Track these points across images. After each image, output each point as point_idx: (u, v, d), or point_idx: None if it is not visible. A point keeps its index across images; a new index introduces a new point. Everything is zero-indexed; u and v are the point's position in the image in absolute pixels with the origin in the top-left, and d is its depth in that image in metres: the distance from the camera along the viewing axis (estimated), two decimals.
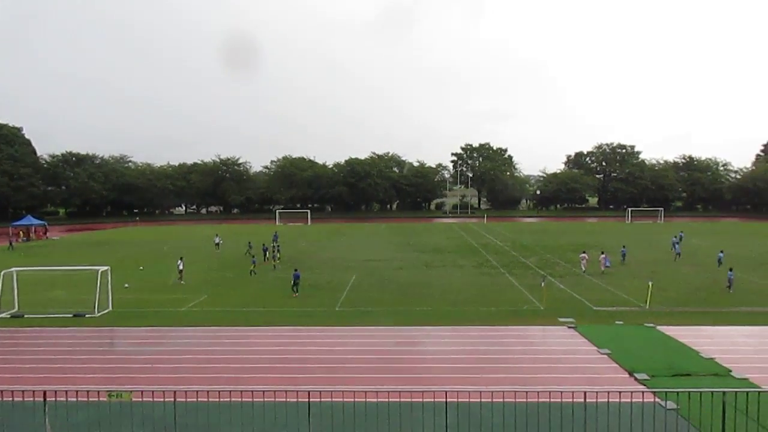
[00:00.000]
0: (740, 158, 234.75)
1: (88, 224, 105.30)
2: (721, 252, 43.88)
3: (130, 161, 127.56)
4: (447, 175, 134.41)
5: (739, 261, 46.51)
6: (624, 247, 46.69)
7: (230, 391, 8.99)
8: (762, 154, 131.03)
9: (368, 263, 46.36)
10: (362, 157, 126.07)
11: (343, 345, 23.00)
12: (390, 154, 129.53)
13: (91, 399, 14.47)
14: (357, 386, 9.06)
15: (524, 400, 9.58)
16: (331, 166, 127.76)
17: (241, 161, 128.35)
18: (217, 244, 57.79)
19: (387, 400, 9.69)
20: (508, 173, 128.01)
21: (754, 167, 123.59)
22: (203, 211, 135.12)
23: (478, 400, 9.30)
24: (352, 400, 8.99)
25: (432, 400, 9.69)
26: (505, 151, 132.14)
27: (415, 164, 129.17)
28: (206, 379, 18.46)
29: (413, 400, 10.10)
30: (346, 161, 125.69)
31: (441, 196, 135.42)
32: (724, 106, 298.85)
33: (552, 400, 9.02)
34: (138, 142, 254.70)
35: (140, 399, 11.90)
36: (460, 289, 35.06)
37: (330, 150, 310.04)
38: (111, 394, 11.43)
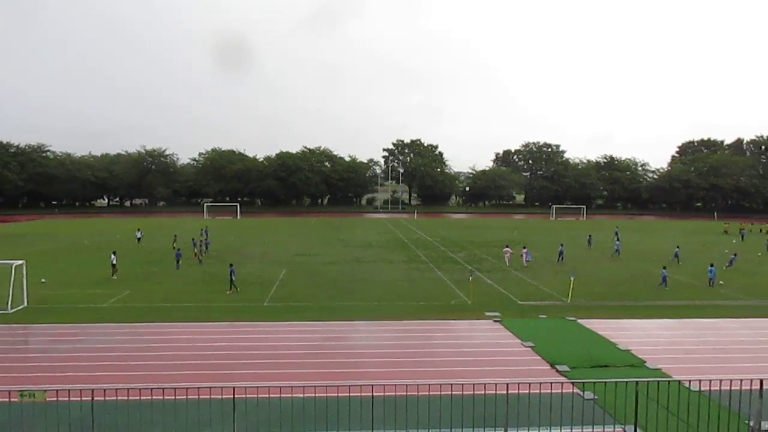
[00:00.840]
0: (658, 159, 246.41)
1: (2, 216, 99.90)
2: (677, 247, 45.68)
3: (48, 150, 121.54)
4: (378, 171, 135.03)
5: (654, 257, 48.84)
6: (562, 245, 47.79)
7: (151, 389, 8.69)
8: (677, 155, 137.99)
9: (298, 258, 46.02)
10: (293, 151, 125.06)
11: (271, 341, 22.72)
12: (321, 149, 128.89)
13: (1, 400, 13.72)
14: (284, 382, 8.96)
15: (449, 393, 9.75)
16: (261, 160, 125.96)
17: (167, 152, 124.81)
18: (139, 239, 55.81)
19: (314, 395, 9.64)
20: (438, 169, 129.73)
21: (669, 168, 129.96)
22: (127, 203, 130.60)
23: (404, 393, 9.37)
24: (278, 396, 8.89)
25: (359, 394, 9.69)
26: (436, 147, 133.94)
27: (347, 159, 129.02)
28: (126, 377, 17.83)
29: (340, 395, 10.09)
30: (276, 155, 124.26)
31: (372, 192, 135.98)
32: (644, 108, 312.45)
33: (476, 392, 9.20)
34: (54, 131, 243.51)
35: (55, 399, 11.36)
36: (390, 283, 35.29)
37: (261, 144, 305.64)
38: (23, 394, 10.83)
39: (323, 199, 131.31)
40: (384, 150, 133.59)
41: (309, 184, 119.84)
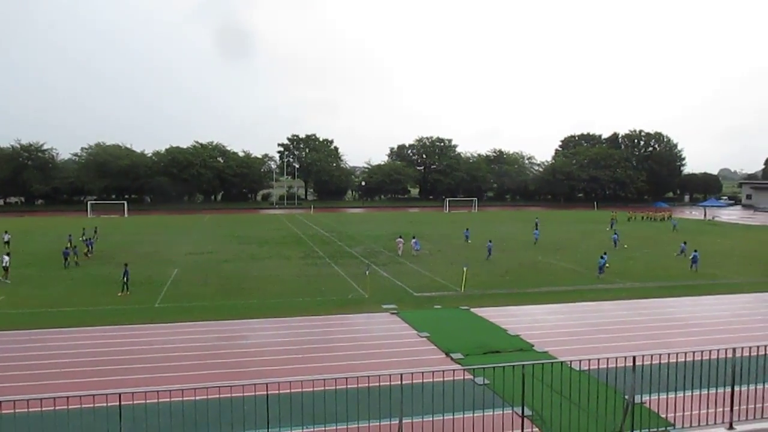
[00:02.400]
0: (543, 152, 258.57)
1: None
2: (615, 234, 47.57)
3: None
4: (273, 166, 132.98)
5: (541, 245, 51.30)
6: (467, 230, 49.84)
7: (27, 400, 8.07)
8: (560, 149, 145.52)
9: (191, 257, 44.54)
10: (184, 146, 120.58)
11: (163, 343, 21.87)
12: (214, 144, 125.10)
13: None
14: (175, 385, 8.63)
15: (344, 387, 9.78)
16: (150, 155, 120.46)
17: (45, 147, 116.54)
18: (7, 242, 50.96)
19: (206, 397, 9.37)
20: (334, 164, 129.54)
21: (553, 161, 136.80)
22: (0, 202, 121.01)
23: (300, 390, 9.31)
24: (168, 400, 8.55)
25: (253, 393, 9.52)
26: (332, 142, 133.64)
27: (241, 154, 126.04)
28: None
29: (234, 395, 9.87)
30: (167, 150, 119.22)
31: (267, 187, 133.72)
32: (530, 105, 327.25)
33: (371, 384, 9.28)
34: None
35: None
36: (287, 280, 34.93)
37: (149, 138, 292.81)
38: None
39: (217, 195, 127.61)
40: (279, 145, 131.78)
41: (201, 180, 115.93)
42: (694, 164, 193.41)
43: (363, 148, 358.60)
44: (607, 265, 37.05)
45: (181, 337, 22.62)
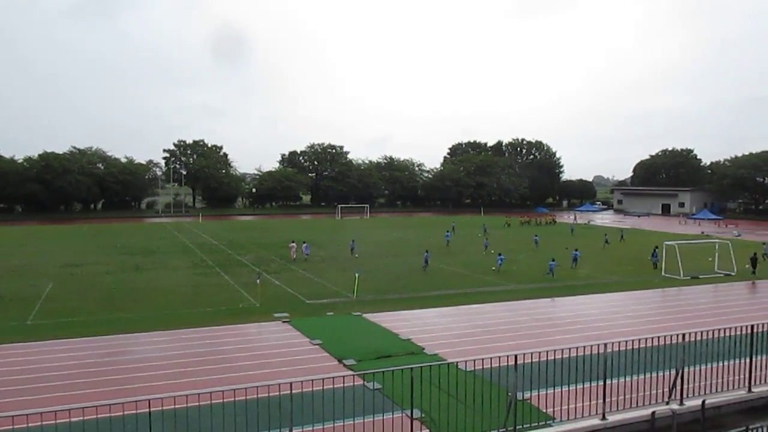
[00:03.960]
0: (432, 159, 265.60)
1: None
2: (576, 251, 46.48)
3: None
4: (159, 173, 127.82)
5: (432, 249, 52.57)
6: (353, 241, 49.40)
7: None
8: (449, 156, 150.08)
9: (68, 269, 41.83)
10: (60, 152, 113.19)
11: (37, 362, 20.40)
12: (94, 149, 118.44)
13: None
14: (47, 408, 8.07)
15: (232, 399, 9.57)
16: (20, 161, 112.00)
17: None
18: None
19: (82, 418, 8.83)
20: (223, 171, 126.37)
21: (442, 167, 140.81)
22: None
23: (185, 405, 9.00)
24: (39, 423, 7.98)
25: (134, 411, 9.10)
26: (221, 148, 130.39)
27: (123, 160, 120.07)
28: None
29: (112, 414, 9.37)
30: (39, 155, 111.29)
31: (153, 195, 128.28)
32: (419, 112, 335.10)
33: (260, 395, 9.14)
34: None
35: None
36: (174, 291, 33.66)
37: (19, 143, 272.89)
38: None
39: (97, 203, 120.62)
40: (165, 151, 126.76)
41: (79, 187, 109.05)
42: (571, 171, 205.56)
43: (254, 155, 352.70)
44: (558, 264, 40.09)
45: (57, 356, 21.20)
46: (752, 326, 15.53)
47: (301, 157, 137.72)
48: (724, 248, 43.87)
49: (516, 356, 11.19)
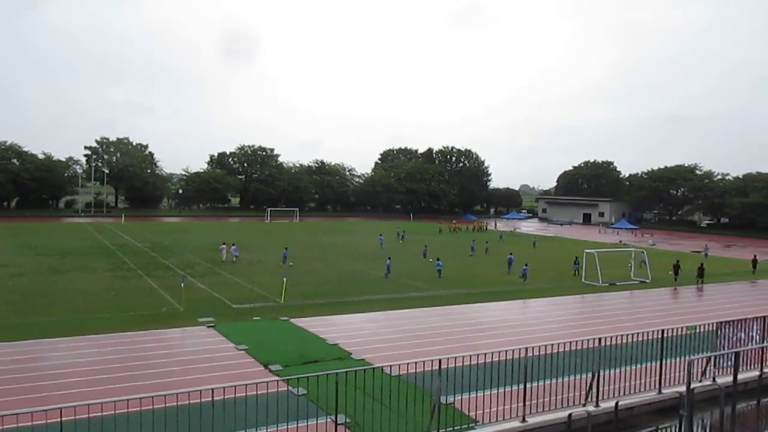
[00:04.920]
0: (363, 164, 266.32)
1: None
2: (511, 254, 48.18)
3: None
4: (80, 171, 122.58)
5: (361, 255, 52.71)
6: (286, 249, 48.35)
7: None
8: (379, 161, 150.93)
9: None
10: None
11: None
12: (8, 144, 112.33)
13: None
14: None
15: (151, 407, 9.29)
16: None
17: None
18: None
19: None
20: (149, 171, 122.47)
21: (373, 173, 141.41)
22: None
23: (99, 414, 8.66)
24: None
25: (44, 422, 8.67)
26: (146, 147, 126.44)
27: (41, 156, 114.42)
28: None
29: (20, 425, 8.88)
30: None
31: (72, 194, 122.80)
32: (351, 116, 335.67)
33: (181, 402, 8.91)
34: None
35: None
36: (93, 294, 32.33)
37: None
38: None
39: (11, 201, 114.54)
40: (86, 148, 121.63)
41: None
42: (499, 180, 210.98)
43: (182, 155, 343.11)
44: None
45: None
46: (663, 331, 16.36)
47: (230, 159, 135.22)
48: (639, 256, 45.96)
49: (440, 361, 11.38)
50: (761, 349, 17.58)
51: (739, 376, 14.64)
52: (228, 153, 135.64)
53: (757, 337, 19.12)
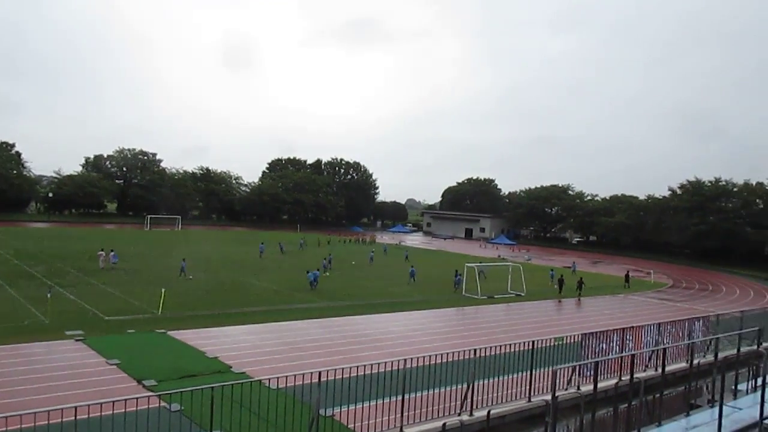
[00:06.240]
0: (250, 173, 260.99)
1: None
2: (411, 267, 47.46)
3: None
4: None
5: (245, 265, 51.68)
6: (183, 260, 45.85)
7: None
8: (267, 171, 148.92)
9: None
10: None
11: None
12: None
13: None
14: None
15: (3, 428, 8.65)
16: None
17: None
18: None
19: None
20: (14, 172, 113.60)
21: (260, 182, 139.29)
22: None
23: None
24: None
25: None
26: (13, 146, 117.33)
27: None
28: None
29: None
30: None
31: None
32: (238, 124, 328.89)
33: (38, 423, 8.34)
34: None
35: None
36: None
37: None
38: None
39: None
40: None
41: None
42: (386, 193, 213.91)
43: (54, 156, 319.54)
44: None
45: None
46: (533, 342, 17.31)
47: (108, 162, 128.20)
48: (516, 271, 48.30)
49: (320, 373, 11.40)
50: (620, 358, 19.00)
51: (600, 384, 15.72)
52: (105, 156, 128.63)
53: (617, 347, 20.70)
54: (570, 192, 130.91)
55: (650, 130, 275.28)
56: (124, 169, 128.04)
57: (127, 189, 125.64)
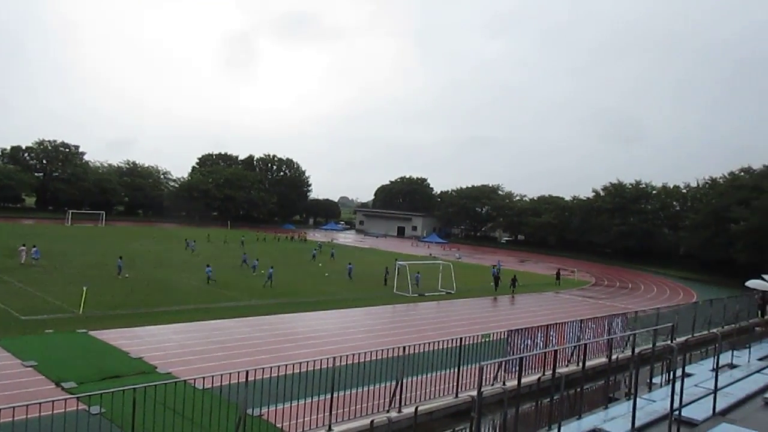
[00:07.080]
0: (179, 168, 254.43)
1: None
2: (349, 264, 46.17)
3: None
4: None
5: (172, 263, 50.40)
6: (120, 258, 43.91)
7: None
8: (198, 166, 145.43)
9: None
10: None
11: None
12: None
13: None
14: None
15: None
16: None
17: None
18: None
19: None
20: None
21: (190, 177, 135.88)
22: None
23: None
24: None
25: None
26: None
27: None
28: None
29: None
30: None
31: None
32: (167, 117, 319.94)
33: None
34: None
35: None
36: None
37: None
38: None
39: None
40: None
41: None
42: (319, 191, 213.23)
43: None
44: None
45: None
46: (461, 339, 17.66)
47: (26, 154, 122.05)
48: (447, 269, 49.06)
49: (247, 372, 11.28)
50: (543, 354, 19.64)
51: (524, 380, 16.20)
52: (24, 147, 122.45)
53: (541, 343, 21.38)
54: (500, 192, 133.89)
55: (577, 133, 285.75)
56: (44, 161, 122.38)
57: (47, 182, 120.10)
